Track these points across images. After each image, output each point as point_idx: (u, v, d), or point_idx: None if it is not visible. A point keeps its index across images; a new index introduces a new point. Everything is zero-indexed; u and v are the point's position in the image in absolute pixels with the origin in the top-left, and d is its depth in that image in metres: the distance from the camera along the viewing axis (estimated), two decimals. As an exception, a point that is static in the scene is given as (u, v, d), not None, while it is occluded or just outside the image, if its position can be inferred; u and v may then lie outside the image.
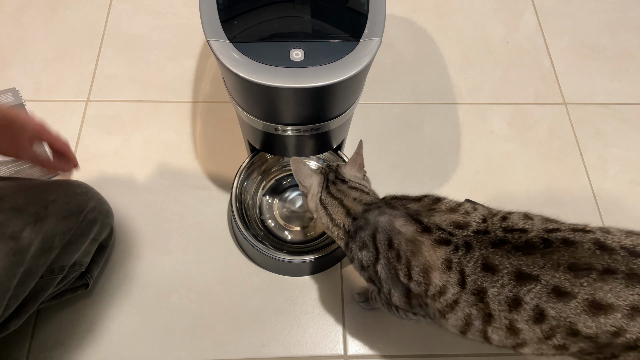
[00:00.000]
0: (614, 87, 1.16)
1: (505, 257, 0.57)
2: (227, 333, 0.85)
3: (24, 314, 0.72)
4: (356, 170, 0.76)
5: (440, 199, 0.67)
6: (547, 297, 0.54)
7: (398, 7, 1.24)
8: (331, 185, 0.73)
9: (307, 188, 0.74)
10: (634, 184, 1.04)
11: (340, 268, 0.92)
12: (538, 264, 0.55)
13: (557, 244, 0.56)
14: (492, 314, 0.57)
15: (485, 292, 0.57)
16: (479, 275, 0.57)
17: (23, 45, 1.15)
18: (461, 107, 1.12)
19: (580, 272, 0.54)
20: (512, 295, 0.56)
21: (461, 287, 0.58)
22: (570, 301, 0.53)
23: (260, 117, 0.71)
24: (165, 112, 1.08)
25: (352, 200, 0.71)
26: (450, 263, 0.59)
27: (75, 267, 0.77)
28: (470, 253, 0.58)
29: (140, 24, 1.19)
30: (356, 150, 0.76)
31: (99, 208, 0.80)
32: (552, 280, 0.54)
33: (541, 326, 0.55)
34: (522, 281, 0.55)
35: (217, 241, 0.94)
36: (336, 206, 0.71)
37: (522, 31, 1.24)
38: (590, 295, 0.53)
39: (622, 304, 0.52)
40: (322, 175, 0.75)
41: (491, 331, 0.59)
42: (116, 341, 0.84)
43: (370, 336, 0.86)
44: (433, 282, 0.60)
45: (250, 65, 0.61)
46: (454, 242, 0.60)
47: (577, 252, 0.55)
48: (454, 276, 0.59)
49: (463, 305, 0.59)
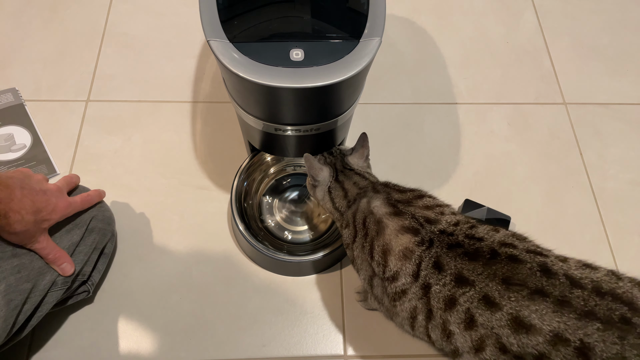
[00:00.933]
0: (614, 87, 1.16)
1: (452, 259, 0.59)
2: (227, 333, 0.85)
3: (28, 328, 0.72)
4: (362, 161, 0.79)
5: (424, 196, 0.71)
6: (478, 303, 0.56)
7: (398, 7, 1.24)
8: (340, 173, 0.76)
9: (319, 182, 0.77)
10: (634, 184, 1.04)
11: (340, 268, 0.92)
12: (477, 271, 0.57)
13: (503, 257, 0.58)
14: (432, 310, 0.60)
15: (430, 287, 0.60)
16: (429, 271, 0.60)
17: (23, 45, 1.15)
18: (461, 107, 1.12)
19: (512, 286, 0.55)
20: (449, 294, 0.58)
21: (414, 279, 0.61)
22: (496, 312, 0.54)
23: (260, 117, 0.71)
24: (165, 112, 1.08)
25: (352, 184, 0.74)
26: (410, 253, 0.61)
27: (78, 277, 0.77)
28: (429, 249, 0.61)
29: (140, 24, 1.19)
30: (362, 144, 0.78)
31: (100, 216, 0.80)
32: (484, 288, 0.56)
33: (471, 333, 0.56)
34: (460, 284, 0.57)
35: (217, 241, 0.94)
36: (338, 190, 0.75)
37: (522, 31, 1.24)
38: (515, 311, 0.53)
39: (545, 327, 0.51)
40: (331, 166, 0.77)
41: (431, 328, 0.61)
42: (116, 341, 0.84)
43: (370, 336, 0.86)
44: (389, 265, 0.63)
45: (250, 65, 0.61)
46: (422, 234, 0.63)
47: (517, 268, 0.56)
48: (409, 267, 0.61)
49: (411, 297, 0.61)
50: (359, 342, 0.86)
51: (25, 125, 1.03)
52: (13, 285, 0.64)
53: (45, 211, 0.66)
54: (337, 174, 0.76)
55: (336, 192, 0.75)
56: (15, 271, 0.65)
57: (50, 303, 0.72)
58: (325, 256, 0.86)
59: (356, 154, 0.79)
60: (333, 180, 0.76)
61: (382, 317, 0.87)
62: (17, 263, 0.66)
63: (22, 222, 0.63)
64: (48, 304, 0.72)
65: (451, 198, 0.77)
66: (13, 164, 0.99)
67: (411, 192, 0.72)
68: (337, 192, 0.75)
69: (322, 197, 0.77)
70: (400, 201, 0.68)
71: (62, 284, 0.72)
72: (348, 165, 0.77)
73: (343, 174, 0.76)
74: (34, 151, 1.00)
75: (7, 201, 0.61)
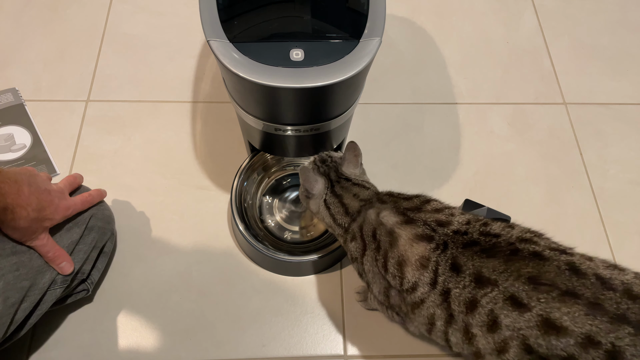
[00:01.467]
0: (614, 87, 1.16)
1: (469, 258, 0.57)
2: (227, 333, 0.85)
3: (27, 327, 0.72)
4: (356, 169, 0.76)
5: (430, 200, 0.69)
6: (503, 303, 0.53)
7: (398, 7, 1.24)
8: (335, 184, 0.74)
9: (314, 195, 0.74)
10: (634, 184, 1.04)
11: (340, 268, 0.92)
12: (498, 269, 0.55)
13: (525, 254, 0.56)
14: (453, 315, 0.58)
15: (449, 292, 0.57)
16: (447, 275, 0.58)
17: (23, 45, 1.15)
18: (461, 107, 1.12)
19: (540, 286, 0.53)
20: (470, 296, 0.56)
21: (431, 287, 0.59)
22: (524, 313, 0.52)
23: (260, 117, 0.71)
24: (165, 112, 1.08)
25: (352, 196, 0.72)
26: (427, 261, 0.59)
27: (77, 275, 0.77)
28: (444, 253, 0.59)
29: (140, 24, 1.19)
30: (354, 153, 0.75)
31: (100, 215, 0.80)
32: (510, 287, 0.54)
33: (494, 336, 0.54)
34: (480, 284, 0.55)
35: (217, 241, 0.94)
36: (337, 205, 0.72)
37: (522, 31, 1.24)
38: (545, 312, 0.51)
39: (578, 330, 0.50)
40: (325, 177, 0.75)
41: (451, 333, 0.59)
42: (116, 341, 0.84)
43: (370, 336, 0.86)
44: (406, 277, 0.61)
45: (250, 65, 0.61)
46: (436, 239, 0.60)
47: (543, 267, 0.54)
48: (427, 275, 0.59)
49: (429, 304, 0.60)
50: (359, 342, 0.86)
51: (25, 125, 1.03)
52: (11, 282, 0.64)
53: (48, 210, 0.66)
54: (333, 185, 0.73)
55: (336, 209, 0.72)
56: (14, 269, 0.65)
57: (49, 301, 0.72)
58: (325, 256, 0.86)
59: (349, 164, 0.75)
60: (329, 192, 0.73)
61: (382, 317, 0.87)
62: (16, 261, 0.66)
63: (27, 219, 0.63)
64: (47, 302, 0.72)
65: (451, 198, 0.77)
66: (13, 164, 0.99)
67: (417, 198, 0.69)
68: (336, 209, 0.72)
69: (317, 210, 0.75)
70: (409, 209, 0.66)
71: (61, 283, 0.72)
72: (343, 175, 0.74)
73: (340, 185, 0.73)
74: (34, 151, 1.00)
75: (14, 196, 0.61)
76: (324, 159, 0.77)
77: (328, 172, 0.75)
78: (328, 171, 0.75)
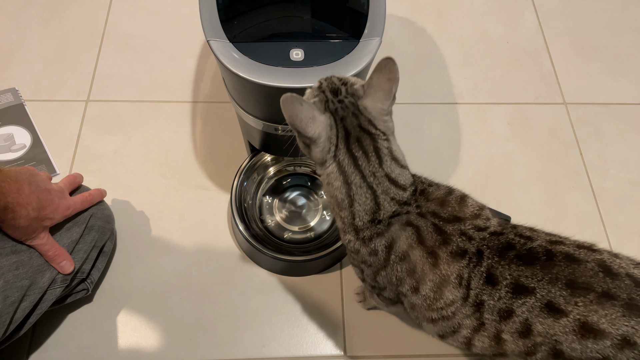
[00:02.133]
0: (614, 87, 1.16)
1: (506, 268, 0.54)
2: (227, 333, 0.85)
3: (27, 326, 0.72)
4: (381, 101, 0.55)
5: (465, 197, 0.61)
6: (539, 311, 0.52)
7: (398, 7, 1.24)
8: (354, 145, 0.54)
9: (312, 139, 0.54)
10: (634, 184, 1.04)
11: (340, 268, 0.92)
12: (537, 276, 0.53)
13: (560, 257, 0.54)
14: (484, 323, 0.55)
15: (483, 304, 0.55)
16: (481, 288, 0.55)
17: (23, 45, 1.15)
18: (461, 107, 1.12)
19: (578, 290, 0.51)
20: (505, 306, 0.54)
21: (464, 301, 0.56)
22: (561, 318, 0.51)
23: (260, 117, 0.71)
24: (165, 112, 1.08)
25: (385, 194, 0.56)
26: (461, 279, 0.55)
27: (77, 275, 0.77)
28: (479, 264, 0.55)
29: (140, 24, 1.19)
30: (386, 75, 0.54)
31: (99, 214, 0.80)
32: (547, 295, 0.52)
33: (525, 341, 0.53)
34: (518, 293, 0.53)
35: (217, 241, 0.94)
36: (364, 196, 0.56)
37: (522, 31, 1.24)
38: (582, 317, 0.50)
39: (614, 332, 0.49)
40: (334, 118, 0.54)
41: (477, 339, 0.57)
42: (116, 341, 0.84)
43: (370, 336, 0.86)
44: (444, 296, 0.56)
45: (250, 65, 0.61)
46: (470, 251, 0.56)
47: (579, 269, 0.52)
48: (461, 290, 0.56)
49: (459, 317, 0.57)
50: (359, 342, 0.86)
51: (25, 125, 1.03)
52: (11, 281, 0.64)
53: (48, 209, 0.66)
54: (349, 140, 0.54)
55: (360, 197, 0.56)
56: (14, 268, 0.65)
57: (49, 301, 0.72)
58: (325, 256, 0.86)
59: (376, 92, 0.54)
60: (344, 151, 0.54)
61: (382, 317, 0.87)
62: (16, 260, 0.66)
63: (27, 218, 0.63)
64: (47, 301, 0.72)
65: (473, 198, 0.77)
66: (13, 164, 0.99)
67: (452, 197, 0.60)
68: (362, 199, 0.56)
69: (328, 173, 0.55)
70: (446, 219, 0.57)
71: (61, 282, 0.73)
72: (367, 125, 0.54)
73: (361, 143, 0.54)
74: (34, 151, 1.00)
75: (15, 195, 0.61)
76: (336, 89, 0.55)
77: (343, 116, 0.54)
78: (342, 112, 0.55)
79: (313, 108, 0.54)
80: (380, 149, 0.56)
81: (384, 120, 0.56)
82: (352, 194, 0.56)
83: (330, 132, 0.54)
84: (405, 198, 0.57)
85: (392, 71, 0.54)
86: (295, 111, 0.51)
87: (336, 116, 0.55)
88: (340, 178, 0.56)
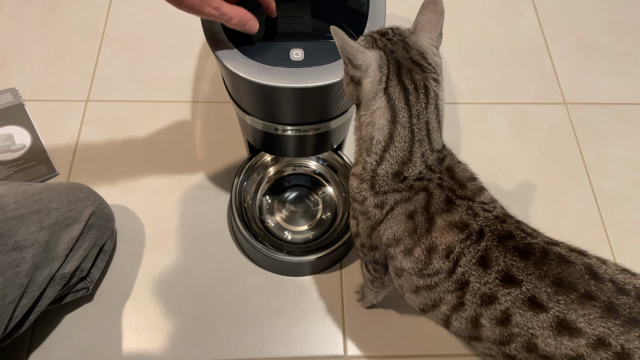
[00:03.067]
0: (614, 87, 1.16)
1: (502, 255, 0.55)
2: (227, 333, 0.85)
3: (27, 323, 0.72)
4: (430, 32, 0.56)
5: (483, 189, 0.62)
6: (521, 303, 0.53)
7: (398, 7, 1.24)
8: (406, 76, 0.53)
9: (362, 67, 0.52)
10: (634, 184, 1.04)
11: (340, 268, 0.92)
12: (527, 271, 0.54)
13: (553, 257, 0.55)
14: (464, 303, 0.56)
15: (467, 284, 0.56)
16: (470, 268, 0.56)
17: (23, 45, 1.15)
18: (461, 107, 1.12)
19: (562, 289, 0.52)
20: (490, 292, 0.54)
21: (448, 275, 0.57)
22: (540, 313, 0.52)
23: (260, 117, 0.71)
24: (165, 112, 1.08)
25: (420, 144, 0.55)
26: (450, 252, 0.56)
27: (77, 273, 0.77)
28: (477, 243, 0.56)
29: (140, 24, 1.19)
30: (432, 8, 0.55)
31: (100, 213, 0.80)
32: (533, 289, 0.53)
33: (502, 329, 0.54)
34: (506, 283, 0.54)
35: (217, 241, 0.94)
36: (404, 140, 0.54)
37: (522, 31, 1.24)
38: (562, 314, 0.52)
39: (590, 332, 0.50)
40: (383, 52, 0.54)
41: (455, 318, 0.58)
42: (116, 341, 0.84)
43: (370, 336, 0.86)
44: (432, 263, 0.57)
45: (250, 65, 0.61)
46: (472, 227, 0.56)
47: (567, 270, 0.54)
48: (448, 264, 0.57)
49: (440, 289, 0.58)
50: (359, 342, 0.86)
51: (24, 125, 1.03)
52: (10, 279, 0.64)
53: None
54: (401, 72, 0.52)
55: (400, 141, 0.53)
56: (14, 265, 0.65)
57: (49, 298, 0.72)
58: (325, 256, 0.86)
59: (427, 25, 0.55)
60: (396, 81, 0.52)
61: (382, 317, 0.87)
62: (17, 257, 0.66)
63: None
64: (47, 298, 0.72)
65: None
66: (12, 164, 0.99)
67: (474, 184, 0.61)
68: (401, 141, 0.54)
69: (374, 109, 0.53)
70: (460, 197, 0.58)
71: (60, 279, 0.73)
72: (418, 57, 0.53)
73: (412, 79, 0.52)
74: (34, 151, 1.00)
75: None
76: (383, 32, 0.56)
77: (393, 49, 0.53)
78: (393, 47, 0.54)
79: (361, 45, 0.53)
80: (429, 88, 0.54)
81: (434, 53, 0.55)
82: (394, 136, 0.54)
83: (380, 61, 0.53)
84: (431, 162, 0.56)
85: (438, 3, 0.54)
86: (345, 39, 0.50)
87: (386, 50, 0.53)
88: (386, 115, 0.54)
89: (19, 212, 0.68)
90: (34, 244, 0.68)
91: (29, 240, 0.67)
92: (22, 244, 0.67)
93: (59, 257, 0.71)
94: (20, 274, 0.66)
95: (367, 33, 0.57)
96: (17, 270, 0.66)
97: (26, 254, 0.67)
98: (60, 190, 0.76)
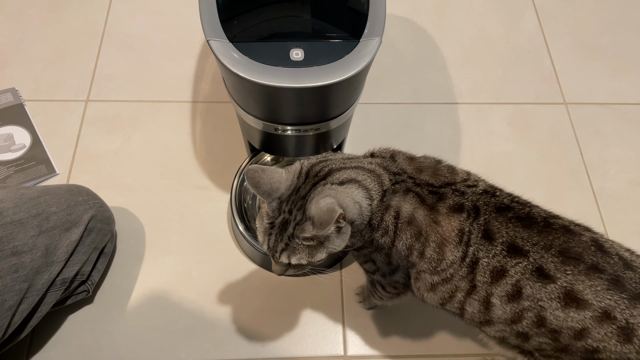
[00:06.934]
0: (614, 87, 1.16)
1: (503, 225, 0.56)
2: (227, 333, 0.85)
3: (28, 329, 0.72)
4: None
5: (454, 166, 0.65)
6: (530, 274, 0.54)
7: (398, 7, 1.24)
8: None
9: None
10: (634, 184, 1.04)
11: (340, 268, 0.92)
12: (532, 240, 0.55)
13: (557, 226, 0.56)
14: (476, 285, 0.57)
15: (477, 262, 0.56)
16: (478, 243, 0.56)
17: (23, 45, 1.14)
18: (461, 107, 1.12)
19: (569, 259, 0.53)
20: (499, 265, 0.55)
21: (461, 261, 0.57)
22: (548, 284, 0.53)
23: (260, 117, 0.71)
24: (165, 112, 1.08)
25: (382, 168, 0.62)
26: (462, 234, 0.57)
27: (77, 277, 0.77)
28: (477, 219, 0.57)
29: (140, 24, 1.19)
30: None
31: (99, 216, 0.79)
32: (539, 259, 0.54)
33: (512, 305, 0.55)
34: (512, 254, 0.55)
35: (217, 241, 0.94)
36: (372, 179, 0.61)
37: (522, 31, 1.24)
38: (569, 284, 0.52)
39: (596, 304, 0.51)
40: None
41: (469, 303, 0.59)
42: (116, 341, 0.84)
43: (370, 336, 0.86)
44: (446, 257, 0.57)
45: (250, 65, 0.61)
46: (467, 205, 0.58)
47: (573, 240, 0.54)
48: (461, 249, 0.57)
49: (456, 279, 0.58)
50: (359, 342, 0.86)
51: (24, 125, 1.03)
52: (9, 285, 0.64)
53: None
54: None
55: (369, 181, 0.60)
56: (13, 270, 0.65)
57: (49, 303, 0.72)
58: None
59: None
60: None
61: (382, 317, 0.87)
62: (16, 262, 0.65)
63: None
64: (47, 304, 0.71)
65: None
66: (12, 163, 0.98)
67: (427, 161, 0.64)
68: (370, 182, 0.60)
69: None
70: (439, 186, 0.61)
71: (60, 284, 0.72)
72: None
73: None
74: (34, 151, 1.00)
75: None
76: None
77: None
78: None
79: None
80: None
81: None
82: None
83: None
84: (394, 169, 0.63)
85: None
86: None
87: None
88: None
89: (18, 216, 0.67)
90: (33, 249, 0.67)
91: (28, 244, 0.67)
92: (20, 249, 0.66)
93: (58, 262, 0.71)
94: (19, 279, 0.65)
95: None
96: (15, 276, 0.65)
97: (25, 258, 0.66)
98: (59, 193, 0.75)
